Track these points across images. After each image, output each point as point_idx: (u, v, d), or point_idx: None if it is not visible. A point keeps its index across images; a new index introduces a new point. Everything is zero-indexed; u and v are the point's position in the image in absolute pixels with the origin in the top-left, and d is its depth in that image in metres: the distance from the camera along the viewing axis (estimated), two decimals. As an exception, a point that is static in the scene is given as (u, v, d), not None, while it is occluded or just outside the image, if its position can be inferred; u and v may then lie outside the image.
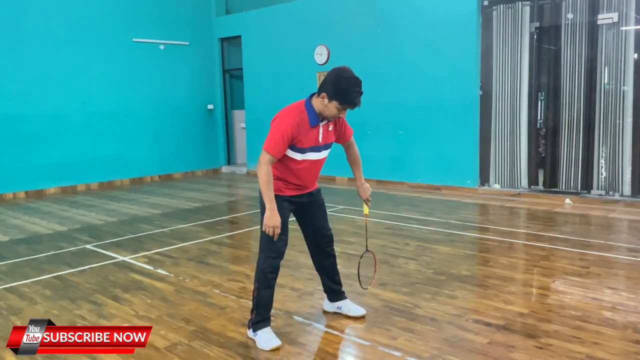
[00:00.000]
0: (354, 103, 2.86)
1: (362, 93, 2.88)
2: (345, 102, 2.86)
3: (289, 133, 2.88)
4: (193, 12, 11.19)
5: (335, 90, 2.83)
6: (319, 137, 3.00)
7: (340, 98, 2.85)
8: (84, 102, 9.57)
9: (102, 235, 6.03)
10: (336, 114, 2.90)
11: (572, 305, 3.58)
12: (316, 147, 3.03)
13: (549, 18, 7.45)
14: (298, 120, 2.91)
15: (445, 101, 8.31)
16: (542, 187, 7.66)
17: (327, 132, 3.06)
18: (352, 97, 2.84)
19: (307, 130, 2.94)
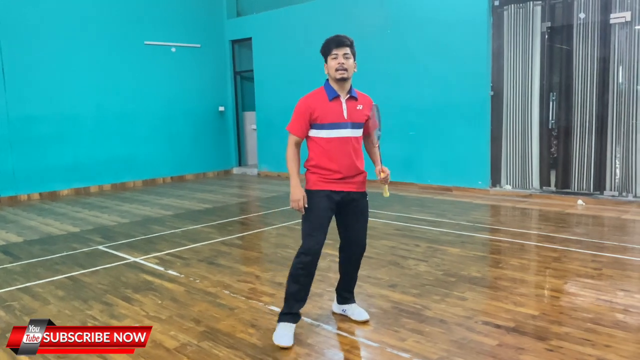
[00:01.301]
0: (333, 41, 2.99)
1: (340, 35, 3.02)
2: (328, 47, 3.00)
3: (303, 108, 3.01)
4: (204, 15, 11.27)
5: (322, 50, 3.04)
6: (344, 113, 3.02)
7: (325, 49, 3.02)
8: (98, 104, 9.68)
9: (115, 236, 6.09)
10: (336, 65, 2.96)
11: (583, 308, 3.55)
12: (342, 124, 3.02)
13: (561, 18, 7.39)
14: (314, 95, 3.05)
15: (456, 102, 8.28)
16: (554, 188, 7.59)
17: (355, 110, 3.05)
18: (328, 41, 3.02)
19: (324, 105, 3.01)
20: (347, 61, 2.97)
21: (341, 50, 2.98)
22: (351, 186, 3.12)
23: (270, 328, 3.36)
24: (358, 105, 3.07)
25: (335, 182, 3.06)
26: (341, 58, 2.96)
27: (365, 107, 3.11)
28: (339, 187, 3.08)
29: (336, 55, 2.97)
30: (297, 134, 3.05)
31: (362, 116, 3.08)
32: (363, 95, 3.16)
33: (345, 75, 2.98)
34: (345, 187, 3.10)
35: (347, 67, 2.97)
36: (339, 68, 2.96)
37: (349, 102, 3.04)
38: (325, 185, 3.06)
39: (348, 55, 2.99)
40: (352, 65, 3.02)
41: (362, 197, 3.18)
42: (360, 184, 3.16)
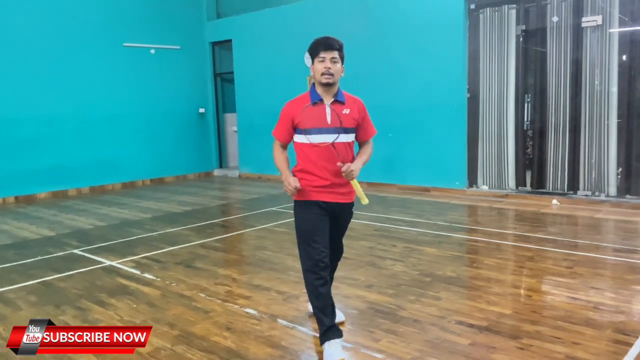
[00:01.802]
0: (321, 43, 2.87)
1: (330, 37, 2.90)
2: (316, 49, 2.89)
3: (284, 113, 2.96)
4: (184, 17, 11.21)
5: (310, 51, 2.93)
6: (327, 117, 2.90)
7: (312, 51, 2.91)
8: (76, 106, 9.56)
9: (91, 239, 6.02)
10: (322, 69, 2.85)
11: (554, 306, 3.62)
12: (325, 129, 2.90)
13: (535, 21, 7.52)
14: (297, 100, 2.97)
15: (434, 103, 8.36)
16: (530, 188, 7.72)
17: (340, 115, 2.92)
18: (317, 42, 2.90)
19: (307, 109, 2.91)
20: (334, 65, 2.87)
21: (329, 54, 2.87)
22: (340, 196, 3.01)
23: (246, 330, 3.37)
24: (345, 109, 2.94)
25: (323, 190, 2.96)
26: (328, 62, 2.86)
27: (353, 111, 2.96)
28: (328, 197, 2.98)
29: (323, 58, 2.86)
30: (280, 139, 3.03)
31: (349, 121, 2.94)
32: (353, 98, 3.02)
33: (331, 81, 2.86)
34: (334, 197, 2.99)
35: (333, 72, 2.86)
36: (325, 72, 2.85)
37: (334, 106, 2.93)
38: (314, 195, 2.96)
39: (336, 60, 2.88)
40: (339, 69, 2.91)
41: (350, 208, 3.12)
42: (349, 193, 3.05)
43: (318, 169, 2.94)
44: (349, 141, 2.97)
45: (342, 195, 3.02)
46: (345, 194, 3.04)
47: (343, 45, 2.96)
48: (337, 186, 2.98)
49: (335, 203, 3.01)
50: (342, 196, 3.02)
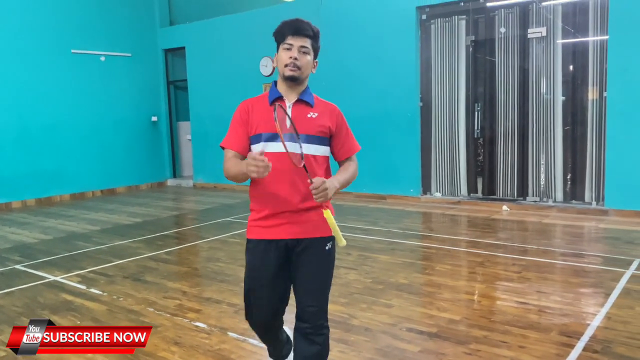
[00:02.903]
0: (290, 26, 2.22)
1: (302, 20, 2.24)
2: (281, 33, 2.24)
3: (238, 112, 2.28)
4: (135, 23, 10.97)
5: (275, 35, 2.28)
6: (286, 120, 2.19)
7: (278, 35, 2.26)
8: (20, 114, 9.18)
9: (35, 254, 5.77)
10: (286, 59, 2.19)
11: (501, 310, 3.69)
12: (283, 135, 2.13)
13: (484, 32, 7.74)
14: (251, 100, 2.31)
15: (388, 112, 8.46)
16: (481, 194, 7.90)
17: (304, 118, 2.22)
18: (284, 24, 2.26)
19: (263, 110, 2.23)
20: (302, 57, 2.20)
21: (298, 41, 2.19)
22: (296, 228, 2.21)
23: (194, 345, 3.29)
24: (311, 112, 2.25)
25: (274, 221, 2.23)
26: (295, 51, 2.18)
27: (323, 117, 2.26)
28: (282, 232, 2.22)
29: (290, 45, 2.19)
30: (232, 147, 2.24)
31: (315, 127, 2.23)
32: (326, 103, 2.34)
33: (296, 74, 2.19)
34: (290, 230, 2.22)
35: (300, 65, 2.19)
36: (290, 64, 2.17)
37: (297, 106, 2.24)
38: (262, 231, 2.26)
39: (306, 50, 2.20)
40: (309, 63, 2.23)
41: (318, 244, 2.25)
42: (313, 225, 2.22)
43: (269, 190, 2.21)
44: (313, 154, 2.23)
45: (304, 226, 2.22)
46: (309, 224, 2.22)
47: (319, 34, 2.27)
48: (296, 213, 2.21)
49: (295, 240, 2.23)
50: (301, 227, 2.22)
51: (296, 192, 2.20)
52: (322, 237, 2.26)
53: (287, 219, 2.23)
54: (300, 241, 2.24)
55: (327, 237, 2.26)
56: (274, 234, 2.25)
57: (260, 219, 2.27)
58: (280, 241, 2.24)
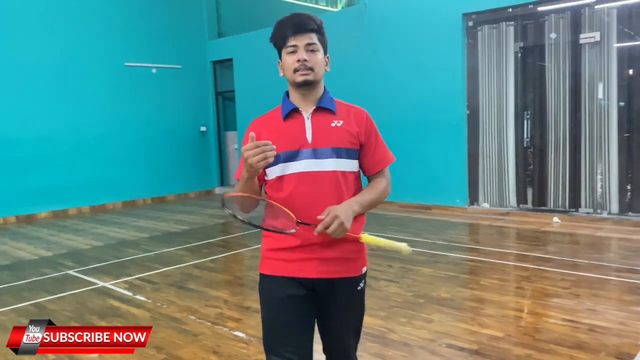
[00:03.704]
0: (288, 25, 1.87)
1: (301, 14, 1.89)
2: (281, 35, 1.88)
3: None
4: (185, 36, 11.32)
5: (274, 40, 1.93)
6: (306, 134, 1.85)
7: (276, 38, 1.91)
8: (76, 126, 9.63)
9: (86, 260, 6.01)
10: (293, 63, 1.85)
11: (548, 328, 3.54)
12: (303, 152, 1.83)
13: (533, 38, 7.51)
14: (261, 119, 1.96)
15: (434, 120, 8.34)
16: (531, 205, 7.63)
17: (328, 129, 1.87)
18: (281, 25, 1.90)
19: (277, 127, 1.88)
20: (312, 56, 1.85)
21: (302, 39, 1.85)
22: (326, 266, 1.84)
23: (232, 354, 3.32)
24: (334, 120, 1.89)
25: (296, 254, 1.84)
26: (302, 52, 1.84)
27: (350, 124, 1.91)
28: (302, 270, 1.84)
29: (294, 47, 1.85)
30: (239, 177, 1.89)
31: (343, 136, 1.87)
32: (350, 106, 1.97)
33: (310, 78, 1.84)
34: (313, 268, 1.83)
35: (312, 65, 1.84)
36: (300, 68, 1.84)
37: (317, 115, 1.89)
38: (281, 266, 1.87)
39: (314, 47, 1.86)
40: (321, 60, 1.88)
41: (350, 284, 1.90)
42: (346, 260, 1.87)
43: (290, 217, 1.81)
44: (345, 170, 1.87)
45: (335, 263, 1.85)
46: (342, 260, 1.86)
47: (323, 25, 1.92)
48: (327, 247, 1.83)
49: (321, 280, 1.85)
50: (336, 265, 1.85)
51: None
52: (356, 276, 1.91)
53: (315, 252, 1.83)
54: (330, 281, 1.86)
55: (360, 276, 1.93)
56: (298, 270, 1.84)
57: (281, 250, 1.87)
58: (305, 280, 1.85)
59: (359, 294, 1.94)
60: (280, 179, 1.84)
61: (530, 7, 7.38)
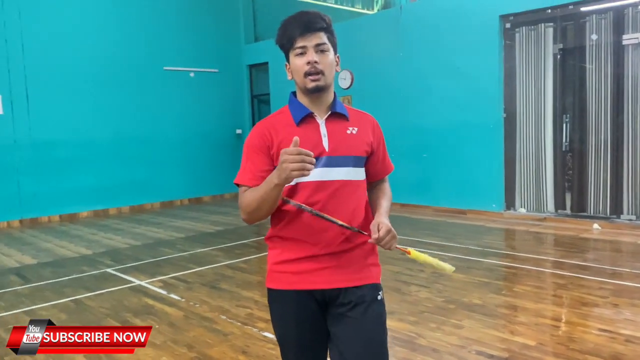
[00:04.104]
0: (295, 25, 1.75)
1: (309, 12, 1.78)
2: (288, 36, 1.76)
3: (256, 139, 1.78)
4: (222, 41, 11.52)
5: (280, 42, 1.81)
6: (323, 140, 1.76)
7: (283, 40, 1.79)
8: (117, 128, 9.93)
9: (124, 259, 6.18)
10: (303, 66, 1.74)
11: (582, 338, 3.44)
12: (321, 160, 1.74)
13: (573, 39, 7.32)
14: (269, 120, 1.83)
15: (469, 124, 8.22)
16: (570, 211, 7.42)
17: (344, 136, 1.79)
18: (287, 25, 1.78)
19: (291, 132, 1.73)
20: (322, 57, 1.74)
21: (311, 40, 1.73)
22: (338, 274, 1.75)
23: (261, 355, 3.36)
24: (349, 127, 1.81)
25: (309, 266, 1.74)
26: (312, 53, 1.73)
27: (365, 132, 1.84)
28: (312, 282, 1.74)
29: (303, 49, 1.73)
30: (248, 182, 1.78)
31: (359, 144, 1.81)
32: (359, 112, 1.89)
33: (322, 83, 1.74)
34: (325, 278, 1.74)
35: (322, 68, 1.74)
36: (311, 71, 1.73)
37: (332, 122, 1.80)
38: (293, 280, 1.75)
39: (324, 47, 1.75)
40: (331, 62, 1.77)
41: (367, 294, 1.77)
42: (359, 268, 1.78)
43: (303, 224, 1.74)
44: (358, 179, 1.82)
45: (348, 271, 1.76)
46: (355, 267, 1.77)
47: (331, 23, 1.81)
48: (337, 255, 1.75)
49: (334, 290, 1.75)
50: (348, 273, 1.76)
51: (339, 228, 1.72)
52: (372, 284, 1.78)
53: (326, 262, 1.73)
54: (344, 291, 1.75)
55: (378, 284, 1.81)
56: (308, 282, 1.74)
57: (288, 262, 1.76)
58: (317, 292, 1.75)
59: (379, 305, 1.79)
60: (295, 187, 1.74)
61: (571, 7, 7.19)
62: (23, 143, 8.89)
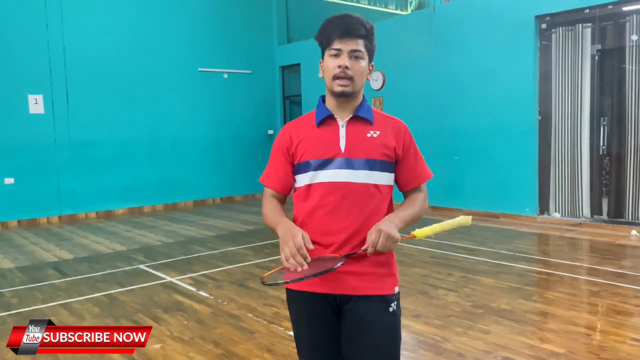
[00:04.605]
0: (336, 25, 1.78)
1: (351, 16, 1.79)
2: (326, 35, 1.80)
3: (279, 141, 1.88)
4: (256, 42, 11.65)
5: (319, 39, 1.85)
6: (340, 142, 1.79)
7: (322, 38, 1.82)
8: (152, 128, 10.17)
9: (156, 255, 6.33)
10: (334, 69, 1.76)
11: (614, 347, 3.35)
12: (336, 161, 1.77)
13: (612, 40, 7.11)
14: (294, 123, 1.91)
15: (502, 126, 8.09)
16: (606, 216, 7.21)
17: (363, 139, 1.80)
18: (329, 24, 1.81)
19: (310, 133, 1.82)
20: (355, 63, 1.76)
21: (348, 44, 1.76)
22: (351, 281, 1.75)
23: (286, 354, 3.40)
24: (371, 130, 1.81)
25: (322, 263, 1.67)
26: (345, 57, 1.75)
27: (386, 136, 1.81)
28: (324, 285, 1.75)
29: (338, 51, 1.76)
30: (270, 184, 1.90)
31: (377, 148, 1.79)
32: (387, 117, 1.87)
33: (348, 89, 1.76)
34: (338, 284, 1.75)
35: (352, 74, 1.76)
36: (340, 75, 1.75)
37: (353, 124, 1.82)
38: (306, 281, 1.66)
39: (359, 54, 1.77)
40: (363, 69, 1.79)
41: (379, 305, 1.77)
42: (372, 276, 1.77)
43: (319, 227, 1.76)
44: (379, 183, 1.80)
45: (357, 280, 1.76)
46: (367, 276, 1.76)
47: (373, 30, 1.82)
48: (348, 263, 1.70)
49: (345, 297, 1.77)
50: (358, 281, 1.76)
51: (359, 229, 1.74)
52: (385, 295, 1.76)
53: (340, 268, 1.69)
54: (356, 299, 1.75)
55: (392, 296, 1.78)
56: (322, 286, 1.75)
57: None
58: (329, 295, 1.77)
59: (391, 317, 1.77)
60: (309, 187, 1.79)
61: (610, 7, 6.99)
62: (62, 142, 9.19)
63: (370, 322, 1.75)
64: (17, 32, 8.74)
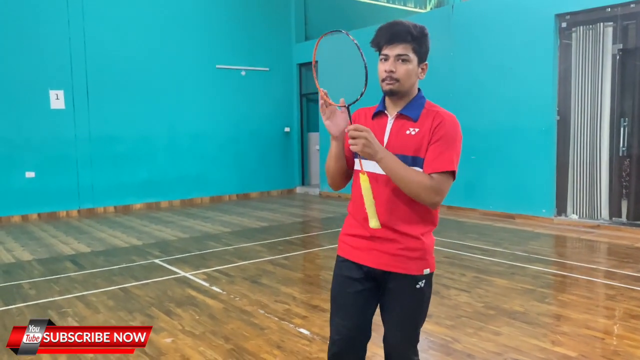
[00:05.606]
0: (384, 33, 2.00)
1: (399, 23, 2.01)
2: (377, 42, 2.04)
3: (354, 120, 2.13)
4: (274, 40, 11.69)
5: (373, 45, 2.08)
6: (384, 136, 2.01)
7: (375, 44, 2.06)
8: (170, 124, 10.28)
9: (172, 250, 6.40)
10: (382, 72, 2.00)
11: (628, 352, 3.30)
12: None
13: (634, 39, 6.99)
14: (363, 110, 2.18)
15: (520, 126, 8.00)
16: (625, 219, 7.10)
17: (402, 136, 1.99)
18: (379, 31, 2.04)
19: (365, 123, 2.08)
20: (400, 67, 1.96)
21: (394, 50, 1.96)
22: (385, 258, 1.99)
23: (295, 351, 3.42)
24: (411, 127, 1.99)
25: (359, 243, 2.04)
26: (391, 62, 1.96)
27: (422, 131, 1.98)
28: (362, 257, 2.04)
29: (386, 56, 1.98)
30: None
31: (412, 146, 1.96)
32: (432, 112, 2.03)
33: (395, 88, 1.97)
34: (373, 257, 2.01)
35: (398, 77, 1.96)
36: (386, 78, 1.98)
37: (398, 121, 2.02)
38: (347, 250, 2.09)
39: (405, 57, 1.96)
40: (409, 71, 1.98)
41: (409, 282, 2.01)
42: (402, 258, 1.98)
43: (361, 207, 1.97)
44: None
45: (394, 258, 1.99)
46: (397, 257, 1.98)
47: (424, 34, 2.03)
48: (384, 242, 1.99)
49: (377, 270, 2.03)
50: (388, 260, 2.00)
51: (391, 216, 1.96)
52: (415, 275, 2.00)
53: (377, 244, 2.00)
54: (388, 274, 2.02)
55: (420, 276, 2.01)
56: (359, 257, 2.05)
57: (351, 236, 2.09)
58: (364, 266, 2.04)
59: (418, 292, 2.03)
60: (356, 172, 2.04)
61: (632, 6, 6.87)
62: (83, 137, 9.34)
63: (397, 293, 2.03)
64: (39, 28, 8.89)
